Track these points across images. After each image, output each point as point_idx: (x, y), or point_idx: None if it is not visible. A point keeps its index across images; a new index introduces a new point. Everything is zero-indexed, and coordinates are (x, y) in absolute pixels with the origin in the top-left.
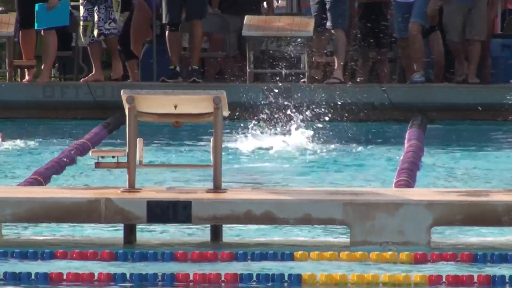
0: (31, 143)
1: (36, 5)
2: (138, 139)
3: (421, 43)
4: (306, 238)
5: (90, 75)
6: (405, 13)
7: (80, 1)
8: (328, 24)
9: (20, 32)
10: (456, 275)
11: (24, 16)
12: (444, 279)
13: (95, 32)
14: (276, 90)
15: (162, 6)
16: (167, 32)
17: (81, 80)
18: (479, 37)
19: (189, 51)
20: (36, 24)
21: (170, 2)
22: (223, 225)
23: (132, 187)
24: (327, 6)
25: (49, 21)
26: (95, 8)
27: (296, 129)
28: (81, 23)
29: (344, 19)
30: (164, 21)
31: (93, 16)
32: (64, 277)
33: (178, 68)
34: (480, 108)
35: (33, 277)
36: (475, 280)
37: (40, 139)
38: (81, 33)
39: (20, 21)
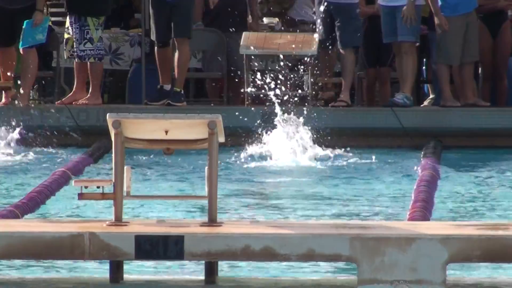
0: (7, 172)
1: (25, 22)
2: (125, 167)
3: (414, 63)
4: (309, 276)
5: (70, 94)
6: (391, 17)
7: None
8: (338, 43)
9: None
10: None
11: (3, 32)
12: None
13: (69, 53)
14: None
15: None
16: (155, 48)
17: (57, 102)
18: (475, 58)
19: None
20: (20, 43)
21: (156, 19)
22: (219, 262)
23: (119, 220)
24: (337, 24)
25: (32, 39)
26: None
27: (298, 156)
28: (65, 34)
29: (355, 38)
30: (152, 37)
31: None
32: None
33: (168, 88)
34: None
35: None
36: None
37: (18, 168)
38: (64, 45)
39: (0, 38)
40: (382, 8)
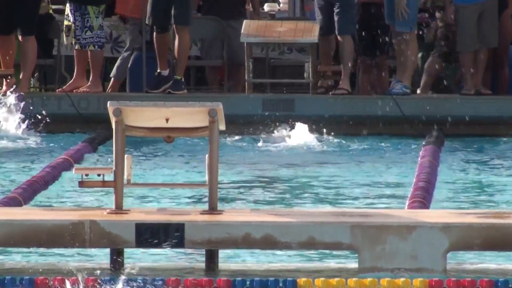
0: (8, 159)
1: None
2: (126, 155)
3: (414, 52)
4: (310, 263)
5: (70, 82)
6: (391, 1)
7: None
8: (336, 30)
9: None
10: None
11: (2, 20)
12: None
13: (73, 41)
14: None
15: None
16: (154, 34)
17: (58, 90)
18: (493, 44)
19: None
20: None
21: (155, 3)
22: (220, 250)
23: (119, 208)
24: (336, 11)
25: None
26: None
27: (299, 143)
28: (65, 21)
29: (353, 25)
30: (147, 22)
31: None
32: None
33: (165, 73)
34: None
35: None
36: None
37: (19, 155)
38: (64, 33)
39: None
40: None
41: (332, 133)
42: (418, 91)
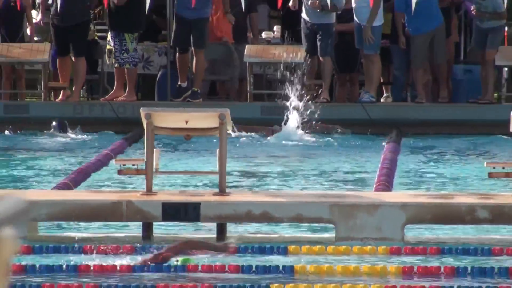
0: (62, 153)
1: None
2: (154, 149)
3: (379, 70)
4: (298, 234)
5: (111, 93)
6: (360, 30)
7: None
8: (318, 52)
9: (58, 59)
10: (425, 266)
11: (61, 45)
12: (415, 270)
13: (113, 61)
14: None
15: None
16: (177, 54)
17: (101, 99)
18: (444, 59)
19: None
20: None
21: (178, 27)
22: (228, 223)
23: (149, 191)
24: (318, 37)
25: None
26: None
27: (289, 141)
28: (107, 45)
29: (331, 48)
30: (171, 45)
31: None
32: (91, 268)
33: (184, 85)
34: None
35: (64, 268)
36: (442, 271)
37: (70, 150)
38: (106, 54)
39: (58, 50)
40: (355, 22)
41: (315, 133)
42: (382, 100)
